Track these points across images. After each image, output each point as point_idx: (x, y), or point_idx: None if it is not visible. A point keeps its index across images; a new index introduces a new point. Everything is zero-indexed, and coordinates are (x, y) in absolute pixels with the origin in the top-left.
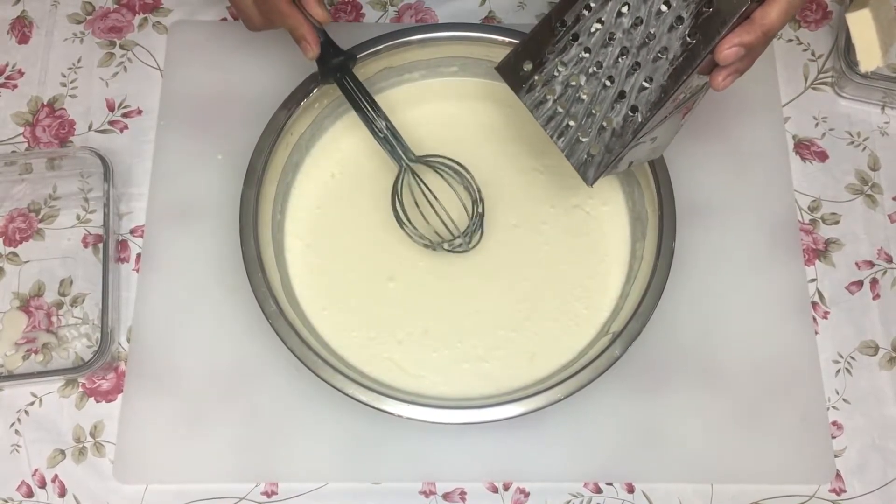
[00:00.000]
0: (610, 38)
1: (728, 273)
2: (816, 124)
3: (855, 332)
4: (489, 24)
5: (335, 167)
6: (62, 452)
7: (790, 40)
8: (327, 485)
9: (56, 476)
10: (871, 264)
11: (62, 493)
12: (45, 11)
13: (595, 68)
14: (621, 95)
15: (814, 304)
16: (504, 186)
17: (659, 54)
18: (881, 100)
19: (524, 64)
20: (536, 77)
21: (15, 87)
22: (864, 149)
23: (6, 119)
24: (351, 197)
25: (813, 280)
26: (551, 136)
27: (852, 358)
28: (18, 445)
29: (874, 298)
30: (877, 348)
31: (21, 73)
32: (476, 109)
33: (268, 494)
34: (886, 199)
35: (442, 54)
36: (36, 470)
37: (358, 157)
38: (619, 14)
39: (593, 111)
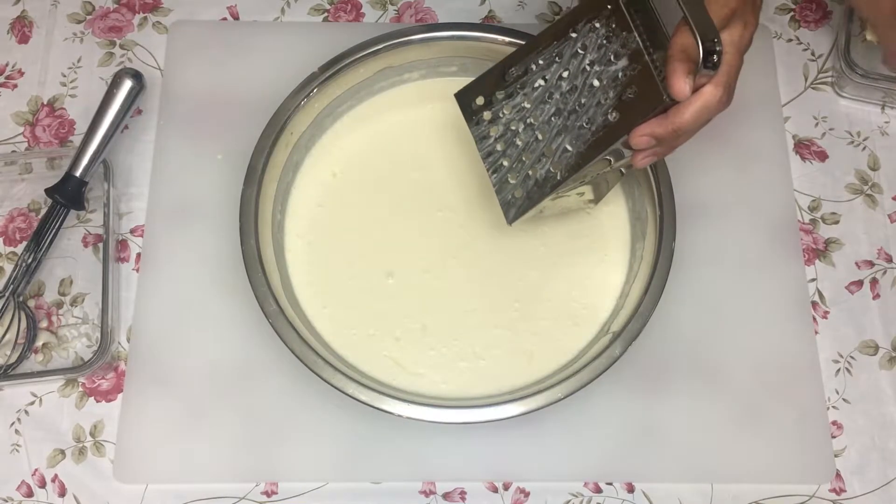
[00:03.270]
0: (549, 97)
1: (728, 273)
2: (816, 124)
3: (855, 331)
4: (489, 23)
5: (336, 166)
6: (62, 452)
7: (790, 40)
8: (327, 485)
9: (56, 476)
10: (871, 264)
11: (62, 493)
12: (45, 11)
13: (532, 120)
14: (545, 153)
15: (814, 303)
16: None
17: (584, 123)
18: (881, 100)
19: (477, 98)
20: (485, 113)
21: (15, 86)
22: (864, 149)
23: (6, 119)
24: (352, 195)
25: (813, 280)
26: (487, 170)
27: (852, 358)
28: (18, 445)
29: (874, 298)
30: (877, 348)
31: (21, 73)
32: None
33: (268, 494)
34: (886, 199)
35: (442, 54)
36: (36, 470)
37: (359, 156)
38: (560, 77)
39: (523, 158)
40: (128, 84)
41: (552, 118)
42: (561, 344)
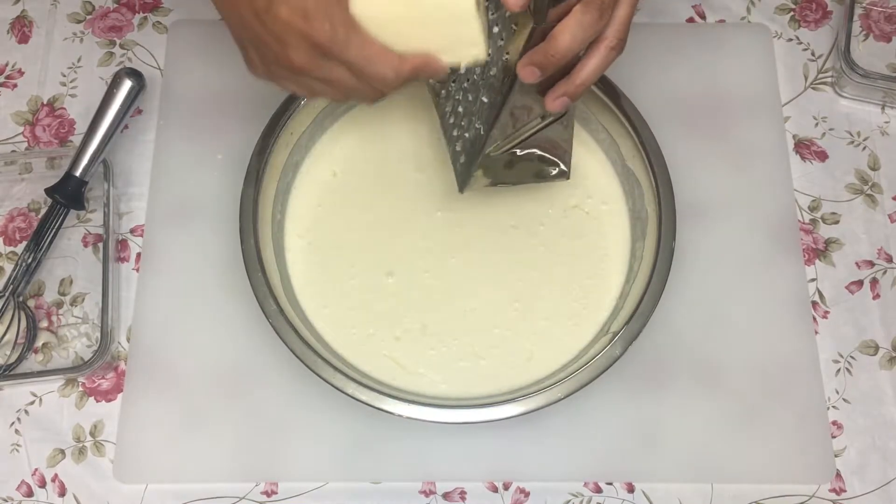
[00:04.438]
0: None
1: (728, 273)
2: (816, 124)
3: (855, 331)
4: None
5: (337, 166)
6: (62, 452)
7: (790, 40)
8: (327, 484)
9: (56, 475)
10: (871, 264)
11: (62, 493)
12: (45, 11)
13: (466, 84)
14: (474, 113)
15: (814, 303)
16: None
17: (492, 72)
18: (881, 100)
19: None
20: (442, 91)
21: (15, 86)
22: (864, 148)
23: (6, 118)
24: (352, 195)
25: (813, 280)
26: (447, 146)
27: (852, 358)
28: (18, 445)
29: (874, 298)
30: (877, 348)
31: (21, 73)
32: None
33: (268, 494)
34: (886, 199)
35: None
36: (36, 469)
37: (359, 156)
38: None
39: (462, 123)
40: (128, 84)
41: (475, 77)
42: (561, 344)
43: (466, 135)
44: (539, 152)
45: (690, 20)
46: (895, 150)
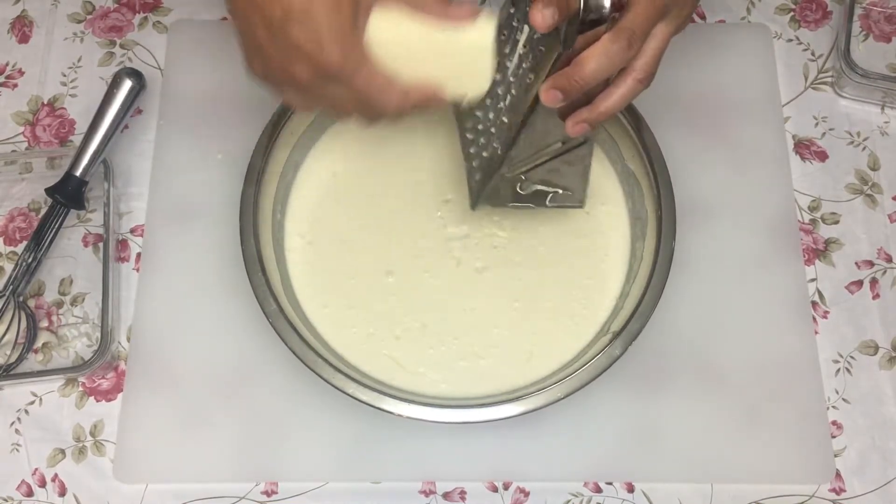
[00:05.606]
0: (502, 75)
1: (728, 273)
2: (816, 124)
3: (855, 331)
4: None
5: (337, 165)
6: (62, 452)
7: (790, 40)
8: (327, 484)
9: (56, 475)
10: (870, 264)
11: (62, 493)
12: (46, 11)
13: (489, 100)
14: (494, 132)
15: (814, 303)
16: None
17: (514, 91)
18: (881, 100)
19: None
20: (466, 106)
21: (15, 86)
22: (864, 149)
23: (6, 118)
24: (353, 194)
25: (813, 280)
26: (464, 161)
27: (852, 358)
28: (18, 445)
29: (874, 298)
30: (877, 348)
31: (21, 73)
32: None
33: (268, 494)
34: (886, 199)
35: None
36: (36, 469)
37: (360, 156)
38: (504, 53)
39: (482, 141)
40: (128, 84)
41: (498, 94)
42: (561, 344)
43: (484, 153)
44: (552, 180)
45: (690, 20)
46: (895, 150)
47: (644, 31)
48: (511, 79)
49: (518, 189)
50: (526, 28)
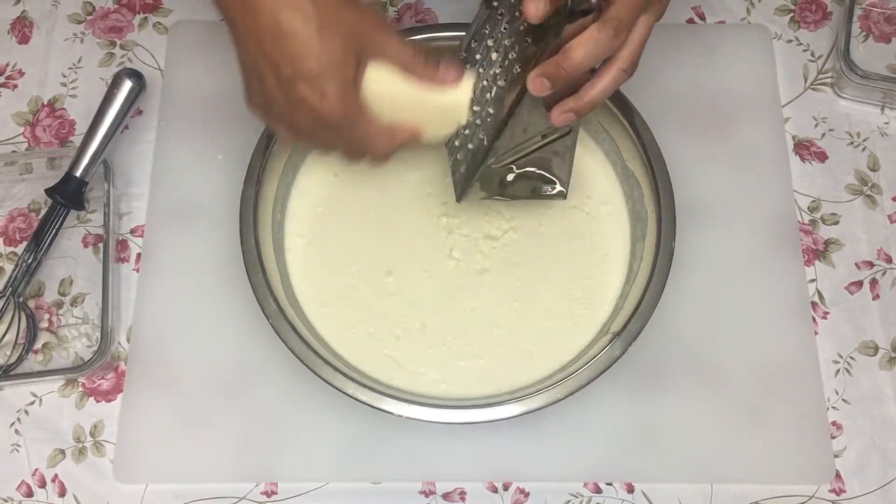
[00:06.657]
0: (485, 67)
1: (728, 273)
2: (816, 125)
3: (855, 332)
4: None
5: (337, 166)
6: (62, 452)
7: (790, 41)
8: (327, 485)
9: (56, 476)
10: (870, 264)
11: (62, 493)
12: (46, 11)
13: (474, 94)
14: (479, 122)
15: (813, 304)
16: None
17: (501, 83)
18: (881, 100)
19: None
20: None
21: (15, 86)
22: (864, 149)
23: (6, 119)
24: (353, 195)
25: (812, 280)
26: (448, 155)
27: (852, 358)
28: (18, 445)
29: (874, 299)
30: (876, 348)
31: (21, 73)
32: None
33: (268, 494)
34: (886, 200)
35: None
36: (36, 469)
37: None
38: (488, 46)
39: (466, 132)
40: (128, 84)
41: (484, 87)
42: (561, 344)
43: (469, 145)
44: (538, 170)
45: (690, 21)
46: (895, 150)
47: (629, 20)
48: (497, 70)
49: (504, 180)
50: (510, 20)
